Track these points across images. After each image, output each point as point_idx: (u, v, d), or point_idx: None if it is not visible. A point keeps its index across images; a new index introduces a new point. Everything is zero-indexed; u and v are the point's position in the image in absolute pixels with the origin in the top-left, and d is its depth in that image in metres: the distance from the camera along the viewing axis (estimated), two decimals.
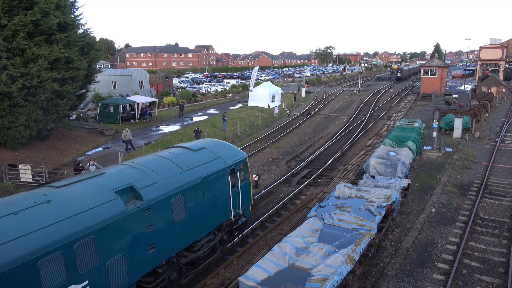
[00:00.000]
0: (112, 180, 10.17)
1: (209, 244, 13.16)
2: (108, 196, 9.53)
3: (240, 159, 14.23)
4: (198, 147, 13.39)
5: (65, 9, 27.05)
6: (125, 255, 9.62)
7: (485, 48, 70.82)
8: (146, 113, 40.35)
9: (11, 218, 7.88)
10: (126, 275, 9.72)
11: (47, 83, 24.14)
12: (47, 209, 8.46)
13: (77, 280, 8.44)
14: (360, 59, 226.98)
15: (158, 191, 10.63)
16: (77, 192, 9.38)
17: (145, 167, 11.19)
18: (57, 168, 22.85)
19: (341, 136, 33.58)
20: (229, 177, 13.49)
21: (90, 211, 8.93)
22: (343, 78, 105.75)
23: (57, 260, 8.00)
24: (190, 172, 11.94)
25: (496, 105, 47.21)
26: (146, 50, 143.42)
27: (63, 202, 8.83)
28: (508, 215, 17.21)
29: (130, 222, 9.70)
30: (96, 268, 8.88)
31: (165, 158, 12.11)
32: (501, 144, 29.33)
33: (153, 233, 10.43)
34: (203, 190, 12.21)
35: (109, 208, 9.30)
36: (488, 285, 12.32)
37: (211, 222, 12.87)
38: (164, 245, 10.89)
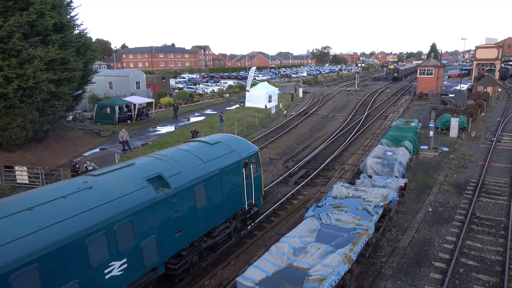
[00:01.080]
0: (142, 169, 11.14)
1: (225, 231, 14.10)
2: (140, 183, 10.50)
3: (252, 153, 15.19)
4: (215, 141, 14.38)
5: (61, 10, 26.96)
6: (156, 237, 10.60)
7: (481, 47, 71.16)
8: (143, 114, 40.25)
9: (61, 201, 8.88)
10: (157, 255, 10.71)
11: (43, 84, 24.04)
12: (90, 194, 9.44)
13: (117, 257, 9.45)
14: (356, 59, 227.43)
15: (183, 180, 11.61)
16: (113, 180, 10.30)
17: (170, 158, 12.16)
18: (53, 170, 22.75)
19: (338, 136, 33.63)
20: (243, 169, 14.47)
21: (127, 197, 9.90)
22: (340, 78, 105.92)
23: (101, 239, 8.97)
24: (209, 163, 12.93)
25: (492, 105, 47.42)
26: (142, 50, 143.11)
27: (102, 188, 9.80)
28: (504, 214, 17.29)
29: (160, 207, 10.68)
30: (133, 248, 9.87)
31: (186, 150, 13.08)
32: (497, 143, 29.46)
33: (179, 218, 11.43)
34: (220, 181, 13.24)
35: (142, 194, 10.27)
36: (484, 283, 12.36)
37: (227, 210, 13.87)
38: (188, 229, 11.90)
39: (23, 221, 7.96)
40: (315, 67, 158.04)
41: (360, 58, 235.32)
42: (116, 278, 9.43)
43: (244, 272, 10.25)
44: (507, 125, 35.87)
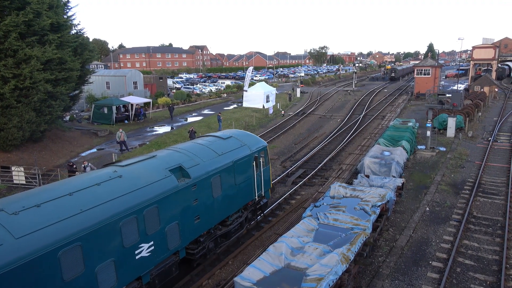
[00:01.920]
0: (164, 161, 11.96)
1: (238, 220, 14.98)
2: (164, 173, 11.36)
3: (261, 147, 16.14)
4: (227, 136, 15.24)
5: (57, 10, 26.89)
6: (178, 223, 11.50)
7: (478, 48, 71.40)
8: (140, 114, 40.17)
9: (97, 188, 9.72)
10: (179, 240, 11.61)
11: (40, 84, 23.96)
12: (121, 182, 10.30)
13: (146, 240, 10.31)
14: (354, 59, 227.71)
15: (201, 171, 12.52)
16: (140, 169, 11.15)
17: (188, 151, 13.03)
18: (50, 170, 22.67)
19: (336, 136, 33.67)
20: (253, 162, 15.35)
21: (153, 185, 10.75)
22: (338, 78, 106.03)
23: (132, 222, 9.85)
24: (224, 156, 13.82)
25: (488, 105, 47.58)
26: (140, 50, 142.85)
27: (131, 177, 10.65)
28: (501, 213, 17.35)
29: (181, 195, 11.57)
30: (159, 232, 10.74)
31: (202, 144, 13.99)
32: (494, 143, 29.57)
33: (198, 206, 12.33)
34: (234, 172, 14.11)
35: (166, 183, 11.14)
36: (481, 282, 12.41)
37: (240, 200, 14.79)
38: (206, 217, 12.79)
39: (66, 205, 8.83)
40: (313, 67, 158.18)
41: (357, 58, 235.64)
42: (145, 259, 10.34)
43: (242, 272, 10.26)
44: (504, 125, 36.01)
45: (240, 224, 15.28)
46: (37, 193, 9.14)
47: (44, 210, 8.42)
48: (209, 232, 13.39)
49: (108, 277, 9.24)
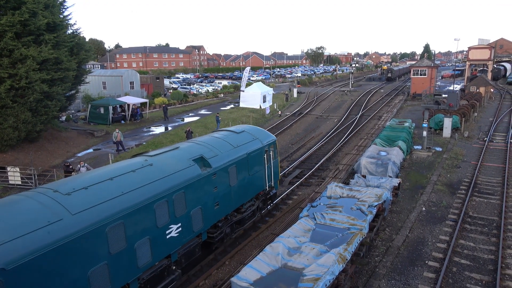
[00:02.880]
0: (187, 152, 13.07)
1: (251, 208, 16.12)
2: (188, 163, 12.46)
3: (271, 141, 17.19)
4: (240, 130, 16.38)
5: (53, 9, 26.76)
6: (201, 208, 12.59)
7: (474, 48, 71.79)
8: (137, 114, 40.07)
9: (132, 174, 10.79)
10: (202, 223, 12.71)
11: (36, 84, 23.85)
12: (152, 169, 11.33)
13: (175, 221, 11.42)
14: (351, 59, 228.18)
15: (220, 161, 13.60)
16: (167, 159, 12.21)
17: (207, 143, 14.13)
18: (46, 170, 22.57)
19: (333, 136, 33.73)
20: (264, 155, 16.47)
21: (180, 172, 11.84)
22: (334, 78, 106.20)
23: (164, 205, 10.91)
24: (239, 148, 14.91)
25: (484, 105, 47.82)
26: (136, 50, 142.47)
27: (160, 165, 11.69)
28: (497, 213, 17.44)
29: (204, 183, 12.65)
30: (185, 215, 11.85)
31: (219, 138, 15.05)
32: (490, 143, 29.72)
33: (217, 193, 13.41)
34: (247, 164, 15.21)
35: (190, 171, 12.25)
36: (477, 282, 12.46)
37: (253, 190, 15.91)
38: (224, 204, 13.89)
39: (109, 188, 9.89)
40: (310, 67, 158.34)
41: (354, 58, 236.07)
42: (174, 239, 11.45)
43: (239, 272, 10.25)
44: (500, 125, 36.20)
45: (253, 212, 16.42)
46: (82, 178, 10.23)
47: (91, 192, 9.51)
48: (226, 218, 14.57)
49: (145, 253, 10.37)
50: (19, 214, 8.16)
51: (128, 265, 9.85)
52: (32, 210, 8.35)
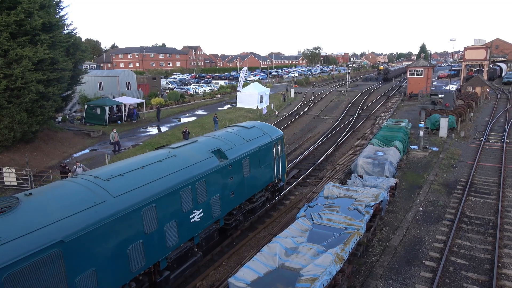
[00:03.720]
0: (205, 144, 14.13)
1: (261, 198, 17.03)
2: (207, 154, 13.50)
3: (279, 136, 18.19)
4: (251, 126, 17.42)
5: (49, 9, 26.62)
6: (219, 196, 13.61)
7: (470, 48, 72.09)
8: (133, 114, 39.94)
9: (160, 163, 11.79)
10: (219, 210, 13.73)
11: (32, 84, 23.72)
12: (176, 160, 12.37)
13: (197, 207, 12.42)
14: (347, 59, 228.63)
15: (235, 153, 14.63)
16: (188, 151, 13.25)
17: (222, 137, 15.16)
18: (42, 171, 22.46)
19: (330, 136, 33.77)
20: (273, 149, 17.48)
21: (201, 163, 12.89)
22: (331, 78, 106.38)
23: (188, 192, 11.94)
24: (250, 142, 15.96)
25: (480, 105, 48.03)
26: (133, 50, 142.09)
27: (183, 156, 12.73)
28: (493, 212, 17.50)
29: (221, 173, 13.64)
30: (206, 202, 12.86)
31: (232, 132, 16.06)
32: (486, 143, 29.84)
33: (233, 183, 14.43)
34: (259, 156, 16.23)
35: (210, 162, 13.29)
36: (474, 281, 12.50)
37: (263, 181, 16.92)
38: (238, 193, 14.91)
39: (141, 175, 10.88)
40: (306, 67, 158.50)
41: (351, 58, 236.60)
42: (196, 223, 12.47)
43: (236, 272, 10.23)
44: (495, 125, 36.36)
45: (263, 202, 17.31)
46: (117, 166, 11.26)
47: (127, 178, 10.52)
48: (240, 206, 15.58)
49: (173, 235, 11.37)
50: (70, 196, 9.21)
51: (159, 245, 10.90)
52: (80, 193, 9.42)
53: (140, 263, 10.20)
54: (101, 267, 9.02)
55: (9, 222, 7.83)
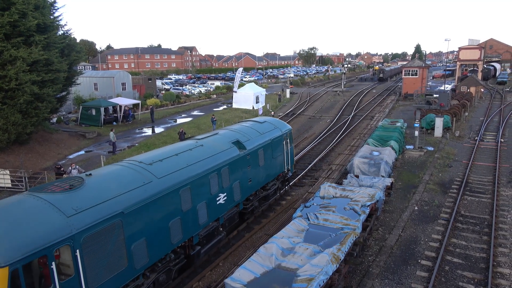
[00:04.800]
0: (226, 136, 15.63)
1: (273, 187, 18.58)
2: (229, 145, 15.03)
3: (288, 130, 19.72)
4: (263, 120, 19.01)
5: (44, 10, 26.48)
6: (239, 182, 15.14)
7: (464, 49, 72.49)
8: (129, 115, 39.80)
9: (190, 152, 13.31)
10: (240, 195, 15.25)
11: (26, 85, 23.57)
12: (203, 149, 13.90)
13: (222, 191, 14.01)
14: (343, 60, 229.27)
15: (251, 144, 16.21)
16: (212, 142, 14.74)
17: (239, 130, 16.71)
18: (37, 173, 22.32)
19: (326, 137, 33.83)
20: (283, 142, 18.98)
21: (224, 152, 14.43)
22: (327, 78, 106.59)
23: (215, 177, 13.49)
24: (264, 135, 17.52)
25: (475, 105, 48.32)
26: (128, 51, 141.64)
27: (209, 146, 14.28)
28: (488, 211, 17.61)
29: (240, 161, 15.17)
30: (229, 186, 14.43)
31: (247, 126, 17.59)
32: (480, 142, 30.02)
33: (250, 171, 15.96)
34: (271, 148, 17.79)
35: (231, 151, 14.84)
36: (469, 280, 12.56)
37: (275, 171, 18.43)
38: (255, 180, 16.46)
39: (177, 161, 12.40)
40: (302, 68, 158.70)
41: (346, 59, 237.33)
42: (221, 205, 14.02)
43: (232, 273, 10.21)
44: (490, 125, 36.60)
45: (274, 190, 18.89)
46: (155, 153, 12.72)
47: (166, 163, 11.95)
48: (256, 193, 17.06)
49: (203, 214, 12.92)
50: (123, 177, 10.71)
51: (193, 222, 12.46)
52: (130, 174, 10.92)
53: (178, 236, 11.78)
54: (150, 237, 10.57)
55: (79, 196, 9.26)
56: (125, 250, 9.71)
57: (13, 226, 7.87)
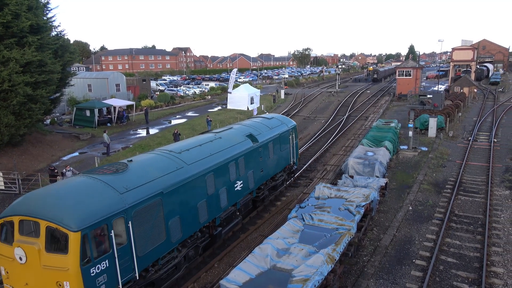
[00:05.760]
0: (240, 130, 17.20)
1: (281, 178, 20.02)
2: (243, 137, 16.60)
3: (293, 126, 21.29)
4: (271, 117, 20.60)
5: (37, 11, 26.29)
6: (253, 171, 16.65)
7: (457, 49, 73.04)
8: (123, 116, 39.64)
9: (211, 143, 14.78)
10: (253, 183, 16.82)
11: (19, 87, 23.39)
12: (222, 141, 15.38)
13: (239, 179, 15.52)
14: (337, 60, 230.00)
15: (263, 137, 17.73)
16: (229, 135, 16.29)
17: (251, 125, 18.21)
18: (30, 175, 22.15)
19: (320, 137, 33.90)
20: (290, 136, 20.53)
21: (240, 144, 16.03)
22: (321, 79, 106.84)
23: (233, 165, 15.03)
24: (273, 130, 19.07)
25: (468, 105, 48.67)
26: (122, 52, 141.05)
27: (226, 138, 15.80)
28: (482, 211, 17.73)
29: (253, 153, 16.66)
30: (244, 175, 15.93)
31: (258, 121, 19.18)
32: (474, 142, 30.23)
33: (262, 162, 17.50)
34: (280, 141, 19.33)
35: (246, 143, 16.41)
36: (464, 279, 12.64)
37: (282, 163, 19.90)
38: (266, 171, 17.99)
39: (201, 150, 13.97)
40: (297, 68, 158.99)
41: (340, 59, 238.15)
42: (238, 192, 15.52)
43: (227, 274, 10.20)
44: (483, 125, 36.88)
45: (282, 181, 20.27)
46: (181, 145, 14.18)
47: (192, 152, 13.49)
48: (266, 183, 18.47)
49: (224, 199, 14.40)
50: (159, 162, 12.20)
51: (216, 205, 13.94)
52: (165, 160, 12.41)
53: (205, 217, 13.25)
54: (183, 215, 12.08)
55: (126, 178, 10.73)
56: (164, 225, 11.23)
57: (81, 200, 9.43)
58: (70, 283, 8.75)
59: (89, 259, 8.92)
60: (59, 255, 8.77)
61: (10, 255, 9.34)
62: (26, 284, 9.29)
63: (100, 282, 9.16)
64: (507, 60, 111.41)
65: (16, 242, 9.19)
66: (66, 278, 8.73)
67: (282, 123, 20.31)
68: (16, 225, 9.27)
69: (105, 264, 9.29)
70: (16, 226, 9.27)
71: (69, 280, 8.73)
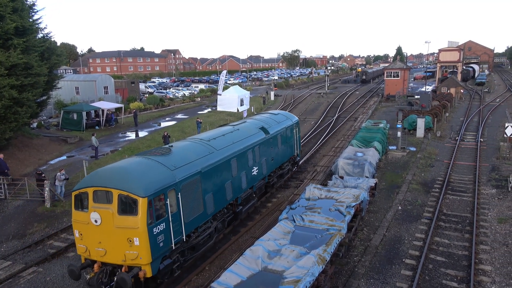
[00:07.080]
0: (253, 124, 19.34)
1: (287, 167, 22.21)
2: (257, 130, 18.77)
3: (296, 121, 23.60)
4: (277, 113, 22.97)
5: (22, 13, 25.87)
6: (265, 159, 18.78)
7: (444, 50, 74.05)
8: (111, 119, 39.24)
9: (232, 133, 16.93)
10: (266, 170, 18.94)
11: (4, 90, 22.96)
12: (240, 132, 17.57)
13: (255, 165, 17.61)
14: (326, 62, 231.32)
15: (273, 130, 19.89)
16: (245, 127, 18.46)
17: (262, 120, 20.40)
18: (17, 179, 21.75)
19: (310, 138, 34.00)
20: (294, 130, 22.73)
21: (255, 135, 18.17)
22: (310, 81, 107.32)
23: (251, 153, 17.14)
24: (280, 123, 21.23)
25: (455, 105, 49.33)
26: (110, 55, 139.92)
27: (243, 130, 17.96)
28: (469, 210, 17.96)
29: (266, 143, 18.78)
30: (259, 162, 18.03)
31: (267, 116, 21.43)
32: (461, 142, 30.65)
33: (272, 151, 19.61)
34: (286, 134, 21.52)
35: (260, 135, 18.53)
36: (452, 278, 12.77)
37: (288, 153, 22.05)
38: (276, 159, 20.17)
39: (225, 139, 16.05)
40: (286, 70, 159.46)
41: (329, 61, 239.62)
42: (254, 176, 17.66)
43: (219, 277, 10.15)
44: (470, 125, 37.41)
45: (288, 170, 22.40)
46: (207, 135, 16.14)
47: (218, 141, 15.56)
48: (275, 170, 20.53)
49: (244, 181, 16.53)
50: (195, 148, 14.36)
51: (238, 186, 16.03)
52: (198, 146, 14.52)
53: (230, 195, 15.35)
54: (215, 192, 14.19)
55: (173, 159, 12.82)
56: (202, 199, 13.30)
57: (144, 174, 11.47)
58: (139, 239, 10.64)
59: (152, 221, 10.88)
60: (129, 217, 10.70)
61: (85, 220, 11.20)
62: (99, 242, 11.10)
63: (159, 240, 11.16)
64: (492, 61, 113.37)
65: (92, 208, 11.09)
66: (136, 235, 10.64)
67: (287, 118, 22.59)
68: (91, 195, 11.20)
69: (163, 226, 11.31)
70: (91, 195, 11.20)
71: (139, 237, 10.63)
